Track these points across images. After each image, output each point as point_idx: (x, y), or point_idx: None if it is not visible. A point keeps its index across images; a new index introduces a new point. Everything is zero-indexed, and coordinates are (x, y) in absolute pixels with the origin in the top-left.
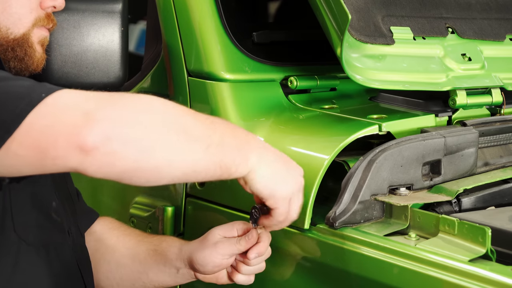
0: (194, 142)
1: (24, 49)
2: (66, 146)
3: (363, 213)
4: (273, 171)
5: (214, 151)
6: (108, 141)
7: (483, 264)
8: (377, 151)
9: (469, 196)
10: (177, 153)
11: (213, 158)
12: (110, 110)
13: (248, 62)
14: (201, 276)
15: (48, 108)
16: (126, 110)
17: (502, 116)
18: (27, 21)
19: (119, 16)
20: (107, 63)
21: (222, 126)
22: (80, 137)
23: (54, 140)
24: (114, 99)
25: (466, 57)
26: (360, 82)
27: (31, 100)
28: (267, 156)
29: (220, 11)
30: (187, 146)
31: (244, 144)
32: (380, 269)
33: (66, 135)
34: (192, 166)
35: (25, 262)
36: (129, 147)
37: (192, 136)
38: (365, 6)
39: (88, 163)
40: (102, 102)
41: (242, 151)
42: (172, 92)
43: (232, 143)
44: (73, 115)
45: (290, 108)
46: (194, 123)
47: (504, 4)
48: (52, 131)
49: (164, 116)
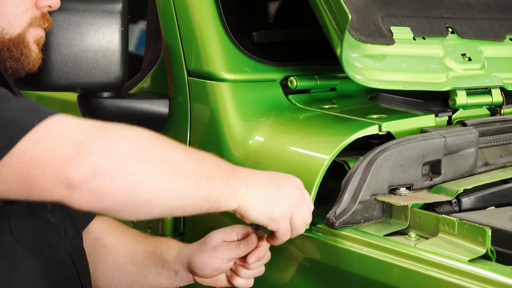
0: (183, 178)
1: (20, 49)
2: (54, 179)
3: (363, 213)
4: (265, 197)
5: (203, 186)
6: (96, 176)
7: (483, 264)
8: (377, 151)
9: (469, 196)
10: (165, 189)
11: (201, 192)
12: (101, 143)
13: (248, 62)
14: (200, 280)
15: (39, 136)
16: (118, 144)
17: (502, 116)
18: (23, 21)
19: (119, 16)
20: (107, 63)
21: (210, 161)
22: (68, 171)
23: (43, 171)
24: (106, 131)
25: (466, 57)
26: (360, 82)
27: (23, 127)
28: (256, 183)
29: (220, 11)
30: (176, 182)
31: (232, 178)
32: (380, 269)
33: (55, 168)
34: (181, 201)
35: (22, 265)
36: (118, 183)
37: (181, 172)
38: (365, 6)
39: (75, 198)
40: (93, 134)
41: (230, 183)
42: (172, 92)
43: (220, 176)
44: (63, 147)
45: (290, 108)
46: (184, 158)
47: (504, 4)
48: (41, 162)
49: (154, 151)
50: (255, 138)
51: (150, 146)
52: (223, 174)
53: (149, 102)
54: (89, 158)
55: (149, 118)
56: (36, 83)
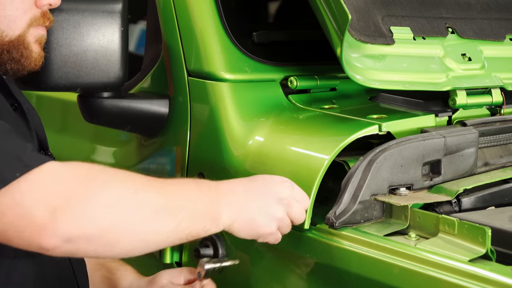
0: (162, 226)
1: (20, 51)
2: (30, 241)
3: (363, 213)
4: (249, 215)
5: (183, 227)
6: (70, 242)
7: (483, 264)
8: (377, 151)
9: (469, 196)
10: (143, 240)
11: (181, 234)
12: (77, 208)
13: (248, 62)
14: None
15: (17, 195)
16: (95, 208)
17: (502, 116)
18: (22, 22)
19: (119, 16)
20: (107, 63)
21: (192, 193)
22: (41, 239)
23: (21, 233)
24: (86, 193)
25: (466, 57)
26: (360, 82)
27: (5, 178)
28: (238, 202)
29: (220, 11)
30: (153, 234)
31: (213, 206)
32: (380, 269)
33: (30, 232)
34: (158, 245)
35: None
36: (92, 244)
37: (160, 219)
38: (365, 6)
39: (50, 253)
40: (71, 198)
41: (211, 214)
42: (172, 92)
43: (200, 208)
44: (39, 212)
45: (290, 108)
46: (163, 203)
47: (504, 4)
48: (18, 223)
49: (134, 203)
50: (255, 138)
51: (130, 200)
52: (203, 203)
53: (149, 102)
54: (63, 226)
55: (149, 118)
56: (36, 83)
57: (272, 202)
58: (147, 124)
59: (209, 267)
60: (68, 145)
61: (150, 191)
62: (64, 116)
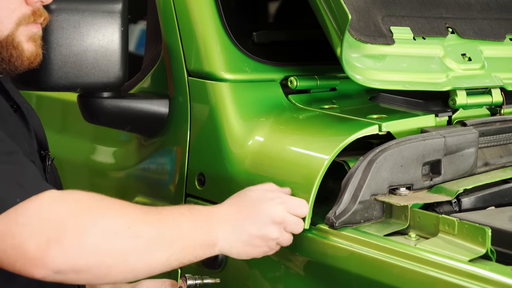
0: (154, 259)
1: (10, 52)
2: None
3: (363, 213)
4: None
5: (175, 258)
6: (60, 274)
7: (483, 264)
8: (377, 151)
9: (469, 196)
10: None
11: (173, 263)
12: (69, 242)
13: (248, 62)
14: None
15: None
16: (86, 241)
17: (502, 116)
18: (9, 22)
19: (119, 16)
20: (107, 63)
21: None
22: (33, 269)
23: (13, 261)
24: (79, 227)
25: (466, 57)
26: (360, 82)
27: (4, 204)
28: (229, 227)
29: (220, 11)
30: (145, 267)
31: (210, 234)
32: (380, 269)
33: (22, 263)
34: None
35: None
36: (82, 276)
37: (152, 252)
38: (365, 6)
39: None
40: (64, 232)
41: (207, 243)
42: (172, 92)
43: (194, 239)
44: (33, 244)
45: (290, 108)
46: (156, 236)
47: (504, 4)
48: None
49: (127, 236)
50: (255, 138)
51: (123, 235)
52: (199, 234)
53: (149, 102)
54: (55, 260)
55: (149, 118)
56: (36, 83)
57: (267, 223)
58: (147, 124)
59: (191, 282)
60: (68, 145)
61: (144, 224)
62: (64, 116)
